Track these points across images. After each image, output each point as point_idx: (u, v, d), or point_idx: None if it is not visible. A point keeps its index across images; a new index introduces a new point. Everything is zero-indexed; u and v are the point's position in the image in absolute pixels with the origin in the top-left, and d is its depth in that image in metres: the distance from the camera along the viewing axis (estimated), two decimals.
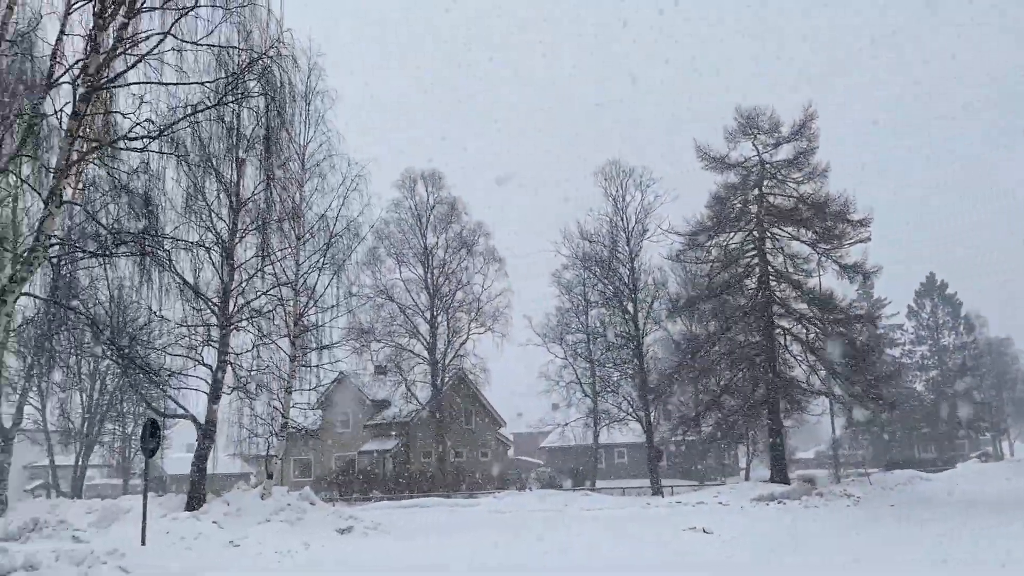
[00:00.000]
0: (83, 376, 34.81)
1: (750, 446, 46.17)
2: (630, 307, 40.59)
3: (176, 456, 50.94)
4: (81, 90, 12.86)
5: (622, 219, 41.26)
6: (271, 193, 22.31)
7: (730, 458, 54.47)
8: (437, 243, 43.78)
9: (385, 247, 42.80)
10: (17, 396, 30.39)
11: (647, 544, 15.95)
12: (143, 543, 13.71)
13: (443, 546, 16.28)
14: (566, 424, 43.91)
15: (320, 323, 24.69)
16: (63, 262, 15.75)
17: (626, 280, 40.78)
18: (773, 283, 33.16)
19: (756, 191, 33.68)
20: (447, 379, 43.71)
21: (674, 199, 39.92)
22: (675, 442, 45.85)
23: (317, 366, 25.29)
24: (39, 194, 14.00)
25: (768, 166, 33.67)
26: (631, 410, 40.92)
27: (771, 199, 33.77)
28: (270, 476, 22.09)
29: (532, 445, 64.44)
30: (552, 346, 42.78)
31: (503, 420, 50.67)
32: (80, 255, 16.16)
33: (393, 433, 45.02)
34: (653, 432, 39.63)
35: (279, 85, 19.60)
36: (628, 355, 40.57)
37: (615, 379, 41.62)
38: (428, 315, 43.34)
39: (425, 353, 43.16)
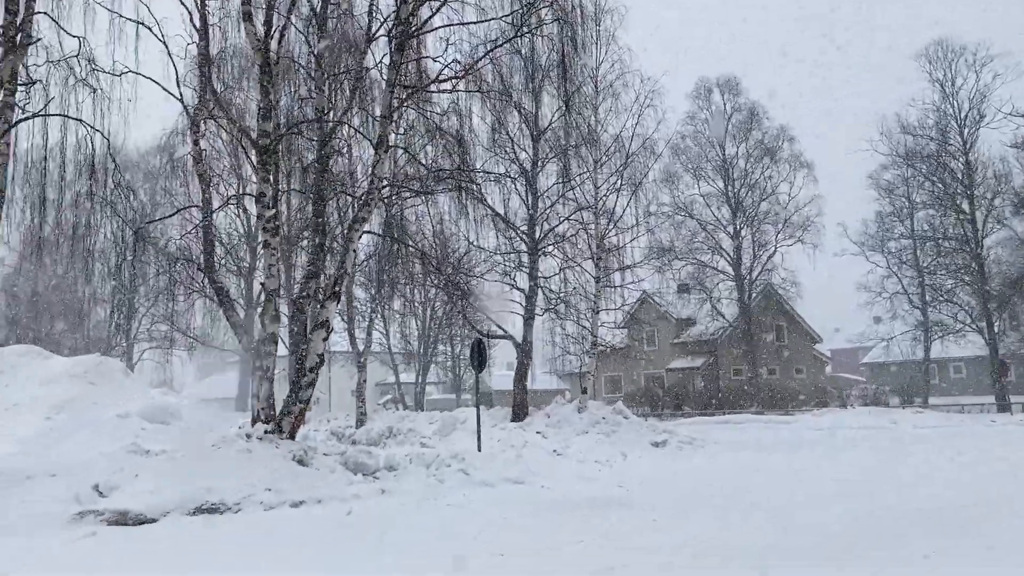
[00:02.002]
0: (417, 303, 38.79)
1: None
2: (965, 206, 36.11)
3: (499, 373, 55.27)
4: (396, 40, 13.98)
5: (952, 106, 36.52)
6: (568, 119, 22.81)
7: None
8: (737, 153, 42.00)
9: (682, 162, 42.00)
10: (366, 323, 34.86)
11: (995, 463, 14.37)
12: (479, 449, 15.17)
13: (762, 462, 16.01)
14: (891, 338, 40.65)
15: (621, 244, 25.12)
16: (392, 202, 17.48)
17: (959, 176, 36.24)
18: None
19: None
20: (754, 295, 42.30)
21: (1019, 76, 34.37)
22: None
23: (621, 286, 25.86)
24: (369, 141, 15.62)
25: None
26: (969, 321, 36.72)
27: None
28: (584, 391, 23.21)
29: (852, 361, 60.64)
30: (872, 255, 39.63)
31: (818, 336, 48.12)
32: (406, 194, 17.83)
33: (700, 350, 44.80)
34: (997, 344, 35.29)
35: (570, 9, 19.79)
36: (964, 260, 36.26)
37: (948, 287, 37.49)
38: (731, 229, 42.03)
39: (729, 269, 42.06)
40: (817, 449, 18.29)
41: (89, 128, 13.57)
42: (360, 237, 14.20)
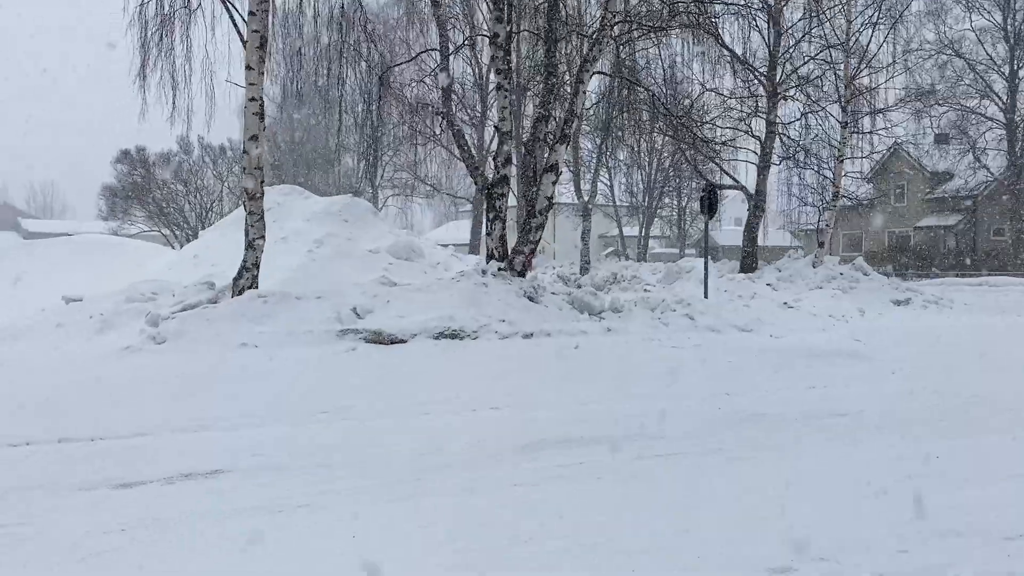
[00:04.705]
0: (642, 154, 38.11)
1: None
2: None
3: (727, 228, 53.76)
4: None
5: None
6: None
7: None
8: None
9: None
10: (591, 174, 34.92)
11: None
12: (705, 296, 15.05)
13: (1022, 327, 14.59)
14: None
15: (873, 86, 22.87)
16: (623, 40, 16.89)
17: None
18: None
19: None
20: None
21: None
22: None
23: (870, 133, 23.78)
24: None
25: None
26: None
27: None
28: (821, 245, 22.04)
29: None
30: None
31: None
32: (637, 34, 17.14)
33: (955, 207, 40.59)
34: None
35: None
36: None
37: None
38: (1006, 70, 36.68)
39: (1000, 115, 37.05)
40: None
41: None
42: (590, 78, 13.99)
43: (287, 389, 7.73)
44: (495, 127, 14.30)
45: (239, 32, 12.23)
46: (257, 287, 11.77)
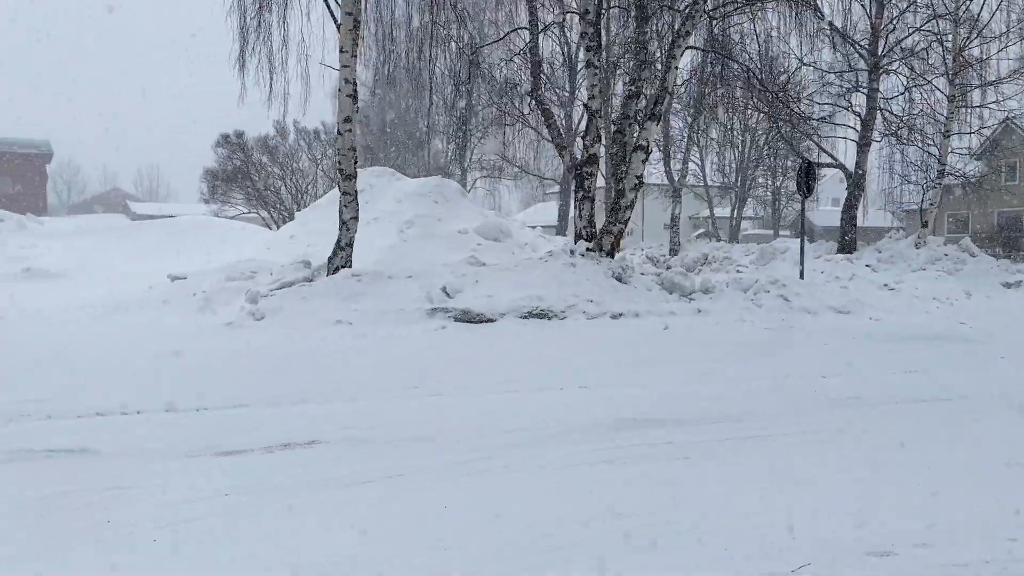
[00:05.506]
0: (735, 131, 37.17)
1: None
2: None
3: (823, 209, 52.01)
4: None
5: None
6: None
7: None
8: None
9: None
10: (681, 153, 34.30)
11: None
12: (801, 277, 14.62)
13: None
14: None
15: (985, 56, 21.62)
16: (717, 14, 16.45)
17: None
18: None
19: None
20: None
21: None
22: None
23: (980, 107, 22.53)
24: None
25: None
26: None
27: None
28: (924, 225, 21.09)
29: None
30: None
31: None
32: (733, 7, 16.67)
33: None
34: None
35: None
36: None
37: None
38: None
39: None
40: None
41: None
42: (682, 54, 13.70)
43: (379, 365, 7.92)
44: (584, 106, 14.18)
45: (333, 15, 12.50)
46: (351, 266, 12.07)
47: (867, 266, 17.41)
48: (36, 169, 50.53)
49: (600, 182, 18.47)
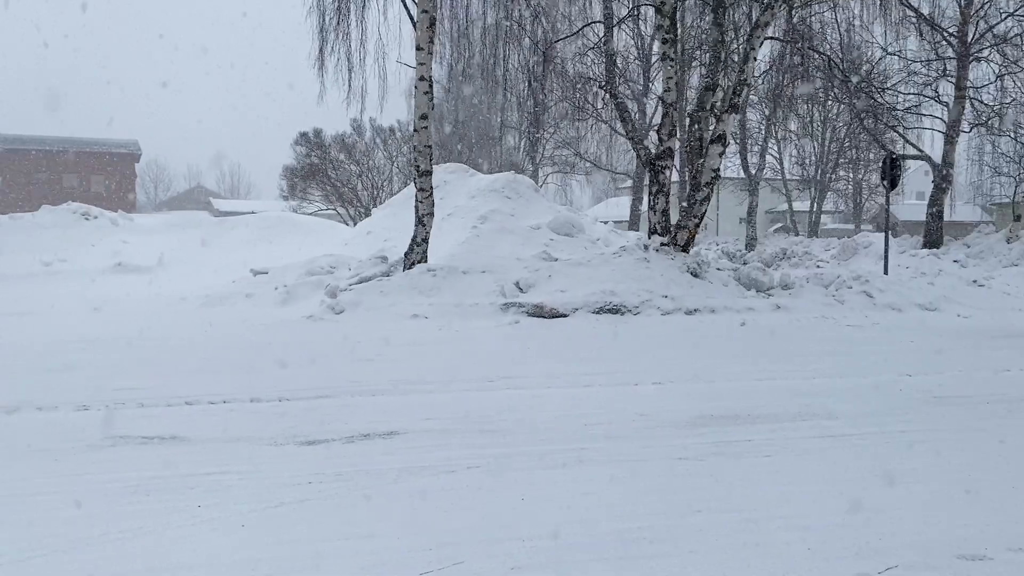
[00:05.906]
0: (815, 123, 36.20)
1: None
2: None
3: (908, 203, 50.27)
4: None
5: None
6: None
7: None
8: None
9: None
10: (758, 146, 33.60)
11: None
12: (885, 272, 14.18)
13: None
14: None
15: None
16: (794, 7, 16.08)
17: None
18: None
19: None
20: None
21: None
22: None
23: None
24: None
25: None
26: None
27: None
28: (1017, 219, 20.17)
29: None
30: None
31: None
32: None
33: None
34: None
35: None
36: None
37: None
38: None
39: None
40: None
41: None
42: (761, 44, 13.42)
43: (455, 358, 8.02)
44: (659, 98, 14.05)
45: (409, 14, 12.68)
46: (426, 261, 12.24)
47: (955, 262, 16.77)
48: (126, 168, 52.79)
49: (674, 176, 18.24)
